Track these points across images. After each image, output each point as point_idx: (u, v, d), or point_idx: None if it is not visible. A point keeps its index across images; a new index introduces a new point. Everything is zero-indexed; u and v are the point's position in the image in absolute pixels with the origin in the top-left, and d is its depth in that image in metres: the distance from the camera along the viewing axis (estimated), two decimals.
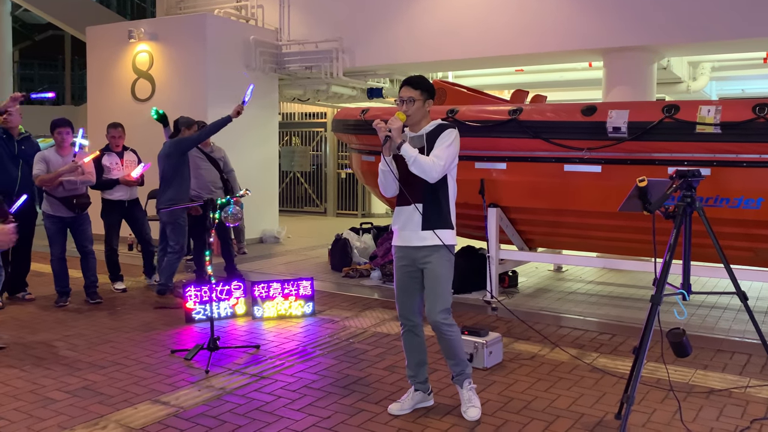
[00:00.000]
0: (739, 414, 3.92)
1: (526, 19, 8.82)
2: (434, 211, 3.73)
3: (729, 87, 12.31)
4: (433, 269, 3.73)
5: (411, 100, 3.73)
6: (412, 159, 3.61)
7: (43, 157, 6.26)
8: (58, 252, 6.44)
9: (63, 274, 6.50)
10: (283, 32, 10.91)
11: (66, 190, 6.28)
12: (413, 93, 3.74)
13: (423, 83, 3.78)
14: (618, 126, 5.43)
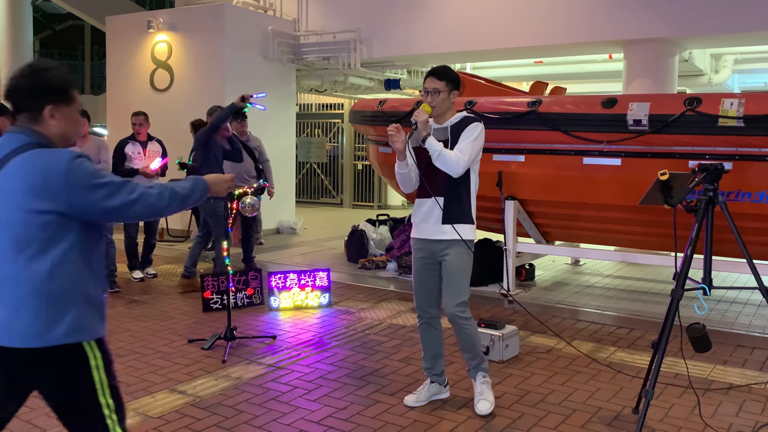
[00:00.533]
0: (759, 410, 3.89)
1: (546, 10, 8.73)
2: (455, 205, 3.70)
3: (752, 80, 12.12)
4: (451, 262, 3.71)
5: (436, 91, 3.68)
6: (437, 153, 3.58)
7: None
8: None
9: None
10: (301, 23, 10.90)
11: None
12: (438, 84, 3.68)
13: (448, 74, 3.72)
14: (639, 119, 5.37)
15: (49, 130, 2.24)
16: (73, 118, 2.34)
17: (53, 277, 2.15)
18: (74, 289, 2.19)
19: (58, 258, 2.16)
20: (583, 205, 5.89)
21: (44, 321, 2.13)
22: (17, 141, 2.20)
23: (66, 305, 2.17)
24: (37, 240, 2.13)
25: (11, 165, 2.15)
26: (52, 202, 2.12)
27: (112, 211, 2.20)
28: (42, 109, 2.22)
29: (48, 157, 2.16)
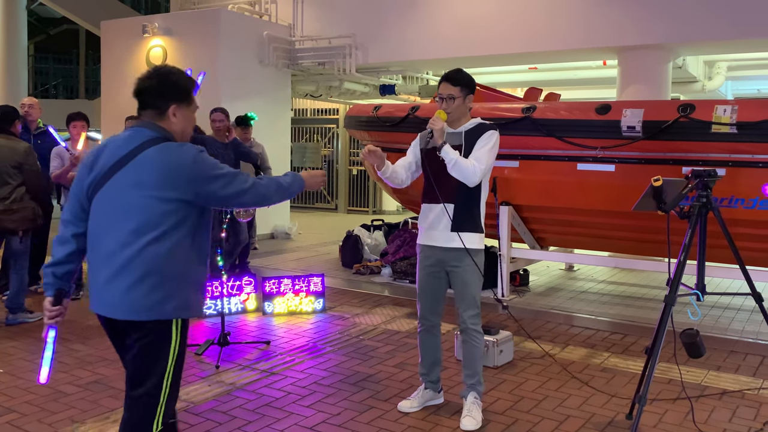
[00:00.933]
0: (752, 416, 3.89)
1: (541, 17, 8.78)
2: (465, 212, 3.66)
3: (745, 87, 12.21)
4: (462, 274, 3.67)
5: (451, 97, 3.61)
6: (453, 162, 3.52)
7: (58, 152, 6.32)
8: None
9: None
10: (296, 28, 10.92)
11: None
12: (453, 90, 3.62)
13: (462, 79, 3.66)
14: (632, 125, 5.39)
15: (171, 127, 2.53)
16: (190, 117, 2.61)
17: (169, 259, 2.41)
18: (184, 270, 2.46)
19: (175, 242, 2.42)
20: (577, 210, 5.91)
21: (156, 298, 2.40)
22: (145, 135, 2.47)
23: (172, 285, 2.43)
24: (159, 224, 2.38)
25: (142, 156, 2.41)
26: (178, 191, 2.40)
27: (227, 198, 2.49)
28: (167, 107, 2.51)
29: (176, 150, 2.44)
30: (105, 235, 2.43)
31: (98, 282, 2.45)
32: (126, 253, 2.38)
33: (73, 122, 6.38)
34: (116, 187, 2.42)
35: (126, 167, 2.41)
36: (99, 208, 2.45)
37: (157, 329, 2.45)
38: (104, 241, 2.43)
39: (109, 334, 2.58)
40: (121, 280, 2.39)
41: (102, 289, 2.44)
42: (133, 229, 2.38)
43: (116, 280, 2.40)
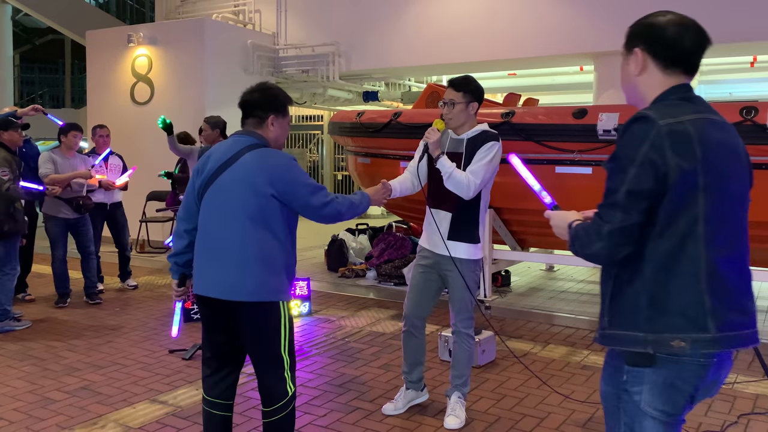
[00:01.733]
0: (726, 409, 4.00)
1: (519, 24, 8.92)
2: (463, 223, 3.65)
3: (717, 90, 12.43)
4: (457, 279, 3.68)
5: (452, 102, 3.60)
6: (448, 174, 3.50)
7: (50, 157, 6.39)
8: (61, 254, 6.53)
9: (64, 275, 6.58)
10: (280, 36, 11.01)
11: (73, 191, 6.41)
12: (455, 95, 3.60)
13: (467, 85, 3.62)
14: (608, 129, 5.51)
15: (268, 134, 2.89)
16: (284, 127, 2.96)
17: (271, 247, 2.75)
18: (282, 258, 2.79)
19: (278, 231, 2.77)
20: None
21: (260, 281, 2.73)
22: (247, 141, 2.84)
23: (276, 270, 2.77)
24: (264, 215, 2.73)
25: (246, 157, 2.77)
26: (275, 188, 2.73)
27: (312, 208, 2.82)
28: (267, 117, 2.88)
29: (275, 155, 2.83)
30: (216, 226, 2.77)
31: (209, 267, 2.78)
32: (235, 240, 2.72)
33: (73, 131, 6.53)
34: (223, 184, 2.76)
35: (231, 167, 2.76)
36: (209, 204, 2.80)
37: (268, 309, 2.76)
38: (215, 232, 2.77)
39: (211, 317, 2.86)
40: (233, 264, 2.72)
41: (214, 274, 2.76)
42: (243, 218, 2.71)
43: (229, 265, 2.72)
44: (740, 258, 1.81)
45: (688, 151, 1.71)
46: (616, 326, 1.82)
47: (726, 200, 1.77)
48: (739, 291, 1.80)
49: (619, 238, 1.75)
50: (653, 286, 1.76)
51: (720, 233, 1.76)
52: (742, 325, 1.78)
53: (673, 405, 1.79)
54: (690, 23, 1.87)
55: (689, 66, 1.88)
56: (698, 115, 1.79)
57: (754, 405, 4.07)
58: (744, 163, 1.86)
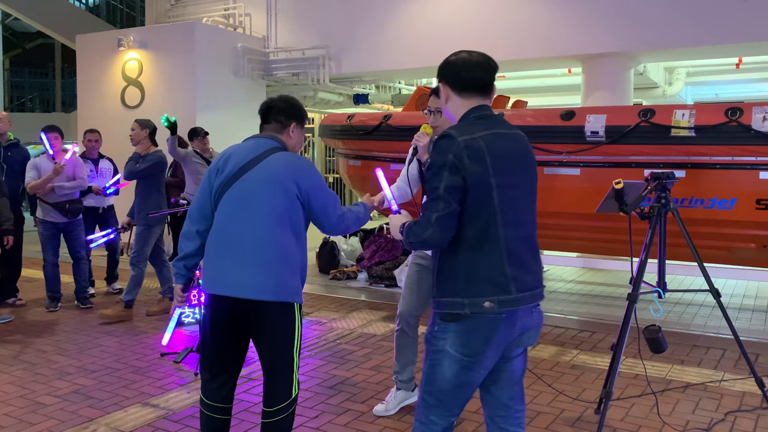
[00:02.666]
0: (714, 407, 4.04)
1: (508, 27, 8.97)
2: None
3: (703, 92, 12.56)
4: None
5: (439, 111, 3.67)
6: None
7: (34, 164, 6.37)
8: (51, 257, 6.51)
9: (55, 279, 6.57)
10: (270, 40, 11.02)
11: (58, 196, 6.38)
12: (440, 104, 3.73)
13: None
14: (596, 130, 5.56)
15: (288, 141, 3.02)
16: (301, 138, 3.11)
17: (291, 248, 2.82)
18: (299, 260, 2.87)
19: (298, 232, 2.87)
20: (544, 213, 6.02)
21: (280, 281, 2.78)
22: (270, 144, 2.95)
23: (294, 272, 2.83)
24: (289, 215, 2.81)
25: (274, 158, 2.87)
26: (300, 190, 2.82)
27: (327, 216, 2.94)
28: (289, 124, 3.02)
29: (300, 158, 2.96)
30: (237, 225, 2.80)
31: (227, 266, 2.81)
32: (258, 239, 2.77)
33: (48, 135, 6.43)
34: (248, 183, 2.82)
35: (257, 167, 2.84)
36: (230, 203, 2.83)
37: (286, 309, 2.81)
38: (236, 230, 2.80)
39: (222, 317, 2.88)
40: (255, 263, 2.76)
41: (233, 272, 2.79)
42: (270, 217, 2.78)
43: (250, 264, 2.76)
44: (529, 235, 2.37)
45: (480, 160, 2.24)
46: (442, 294, 2.31)
47: (514, 194, 2.31)
48: (530, 260, 2.35)
49: (445, 222, 2.22)
50: (468, 263, 2.26)
51: (512, 219, 2.29)
52: (534, 287, 2.34)
53: (469, 348, 2.27)
54: (475, 57, 2.38)
55: (481, 90, 2.38)
56: (489, 131, 2.31)
57: (741, 402, 4.12)
58: (528, 163, 2.41)
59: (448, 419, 2.39)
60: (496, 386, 2.45)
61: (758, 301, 6.57)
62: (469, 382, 2.33)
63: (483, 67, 2.37)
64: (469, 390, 2.35)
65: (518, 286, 2.27)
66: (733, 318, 5.80)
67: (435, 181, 2.24)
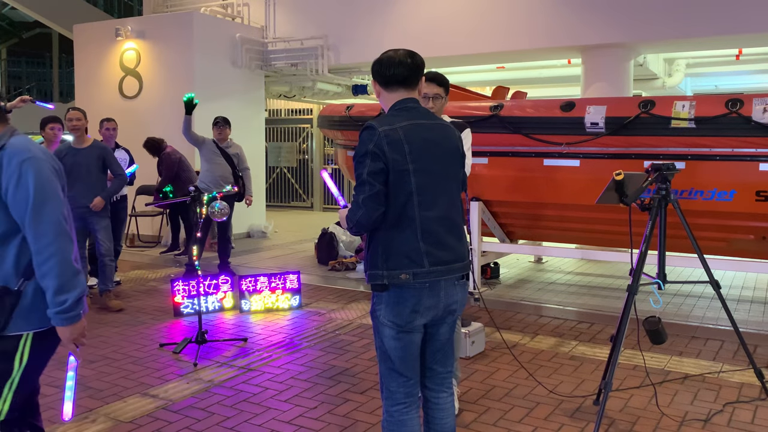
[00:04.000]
0: (712, 398, 4.05)
1: (508, 18, 8.94)
2: None
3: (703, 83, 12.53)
4: None
5: (438, 96, 3.69)
6: None
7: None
8: None
9: None
10: (268, 30, 10.97)
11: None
12: (439, 90, 3.69)
13: (445, 80, 3.77)
14: (596, 121, 5.55)
15: None
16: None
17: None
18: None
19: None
20: (544, 205, 6.07)
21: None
22: None
23: None
24: None
25: None
26: None
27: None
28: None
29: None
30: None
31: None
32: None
33: (50, 124, 6.40)
34: None
35: None
36: None
37: None
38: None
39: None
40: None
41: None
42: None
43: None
44: (446, 216, 2.56)
45: (399, 148, 2.47)
46: (369, 268, 2.57)
47: (430, 179, 2.52)
48: (446, 237, 2.55)
49: (371, 202, 2.46)
50: (387, 240, 2.51)
51: (428, 201, 2.52)
52: (450, 261, 2.55)
53: (399, 317, 2.53)
54: (399, 55, 2.58)
55: (403, 84, 2.59)
56: (409, 122, 2.54)
57: (739, 393, 4.13)
58: (446, 151, 2.60)
59: (406, 386, 2.61)
60: (422, 350, 2.67)
61: (757, 293, 6.58)
62: (408, 348, 2.58)
63: (404, 63, 2.56)
64: (410, 355, 2.59)
65: (431, 260, 2.50)
66: (732, 309, 5.81)
67: (359, 168, 2.48)
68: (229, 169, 7.41)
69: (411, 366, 2.60)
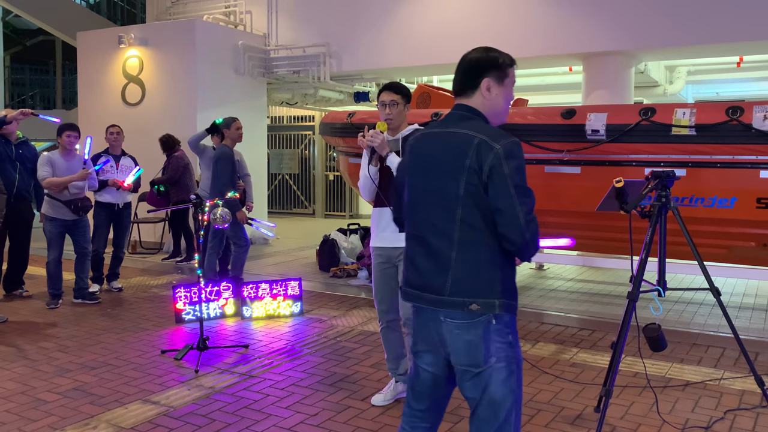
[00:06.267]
0: (713, 405, 4.04)
1: (509, 25, 8.97)
2: None
3: (704, 90, 12.53)
4: None
5: (394, 103, 3.83)
6: None
7: (48, 159, 6.43)
8: (56, 255, 6.55)
9: (58, 276, 6.59)
10: (271, 37, 11.01)
11: (71, 194, 6.44)
12: (395, 96, 3.85)
13: (403, 88, 3.91)
14: (597, 128, 5.57)
15: None
16: None
17: None
18: None
19: None
20: (545, 212, 6.05)
21: None
22: None
23: None
24: None
25: None
26: None
27: None
28: None
29: None
30: None
31: None
32: None
33: (67, 132, 6.54)
34: None
35: None
36: None
37: None
38: None
39: None
40: None
41: None
42: None
43: None
44: (420, 235, 2.30)
45: (404, 158, 2.46)
46: None
47: (414, 193, 2.34)
48: (418, 259, 2.30)
49: (395, 209, 2.58)
50: None
51: (411, 217, 2.35)
52: (420, 287, 2.28)
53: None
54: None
55: (454, 89, 2.40)
56: (429, 129, 2.40)
57: (740, 401, 4.12)
58: (442, 164, 2.25)
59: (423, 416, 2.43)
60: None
61: (758, 300, 6.58)
62: (418, 377, 2.39)
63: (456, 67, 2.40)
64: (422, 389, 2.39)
65: (405, 279, 2.36)
66: (733, 317, 5.81)
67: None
68: None
69: (429, 401, 2.41)
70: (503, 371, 2.21)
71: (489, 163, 2.15)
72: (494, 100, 2.32)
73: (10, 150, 6.61)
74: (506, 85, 2.35)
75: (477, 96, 2.31)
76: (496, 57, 2.32)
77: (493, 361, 2.20)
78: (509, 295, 2.23)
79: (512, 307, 2.24)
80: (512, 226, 2.14)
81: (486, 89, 2.30)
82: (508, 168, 2.15)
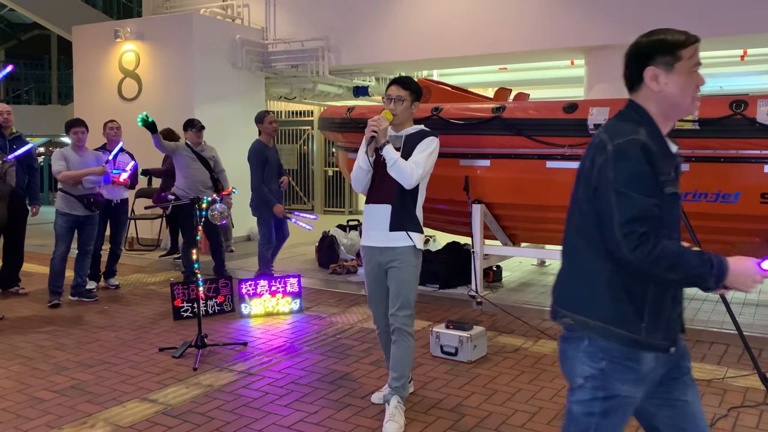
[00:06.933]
0: (717, 402, 4.01)
1: (510, 19, 8.92)
2: (402, 213, 3.70)
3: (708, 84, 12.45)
4: (397, 272, 3.70)
5: (400, 99, 3.70)
6: (393, 161, 3.59)
7: (62, 155, 6.44)
8: (63, 250, 6.52)
9: (61, 273, 6.55)
10: (269, 31, 10.95)
11: (85, 188, 6.45)
12: (402, 92, 3.71)
13: (412, 84, 3.77)
14: (599, 123, 5.51)
15: None
16: None
17: None
18: None
19: None
20: (547, 207, 6.02)
21: None
22: None
23: None
24: None
25: None
26: None
27: None
28: None
29: None
30: None
31: None
32: None
33: (74, 128, 6.51)
34: None
35: None
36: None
37: None
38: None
39: None
40: None
41: None
42: None
43: None
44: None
45: None
46: None
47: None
48: None
49: None
50: None
51: None
52: None
53: None
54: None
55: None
56: None
57: (744, 398, 4.09)
58: (581, 168, 2.09)
59: None
60: None
61: (762, 296, 6.54)
62: None
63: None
64: None
65: None
66: (737, 313, 5.76)
67: None
68: (207, 173, 7.21)
69: None
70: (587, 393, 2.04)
71: (598, 166, 1.96)
72: (665, 90, 1.98)
73: (4, 146, 6.58)
74: (679, 71, 1.97)
75: (643, 90, 2.02)
76: (661, 39, 1.98)
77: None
78: (621, 322, 1.95)
79: (620, 337, 1.96)
80: (608, 239, 1.93)
81: (651, 80, 1.99)
82: (613, 171, 1.91)
